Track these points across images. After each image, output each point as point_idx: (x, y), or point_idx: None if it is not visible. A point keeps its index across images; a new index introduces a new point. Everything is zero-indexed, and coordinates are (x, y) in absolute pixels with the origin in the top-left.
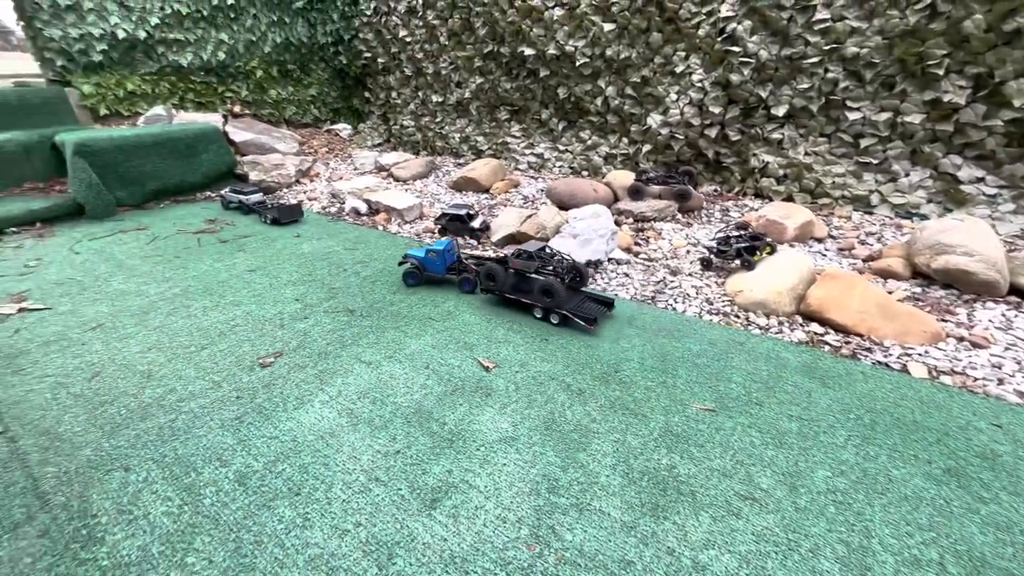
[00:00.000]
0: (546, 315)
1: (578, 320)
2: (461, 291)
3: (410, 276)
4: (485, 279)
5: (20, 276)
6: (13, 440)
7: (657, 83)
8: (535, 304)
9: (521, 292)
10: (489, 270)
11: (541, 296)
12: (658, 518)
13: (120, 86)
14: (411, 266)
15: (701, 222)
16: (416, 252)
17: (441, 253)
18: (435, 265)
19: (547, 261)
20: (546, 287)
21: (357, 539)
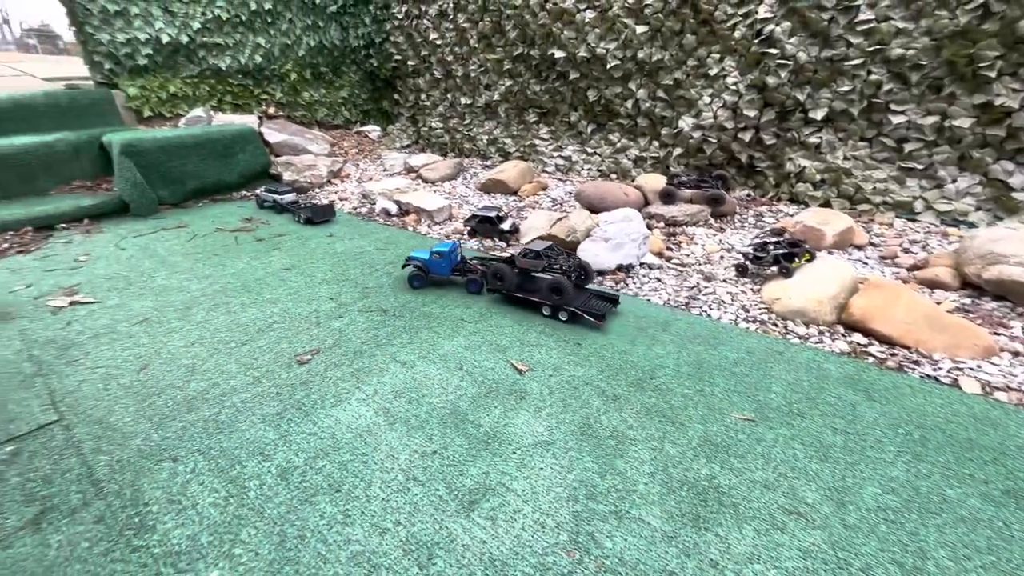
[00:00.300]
0: (554, 313)
1: (587, 317)
2: (468, 292)
3: (415, 279)
4: (493, 279)
5: (71, 270)
6: (68, 428)
7: (690, 86)
8: (543, 302)
9: (528, 291)
10: (497, 270)
11: (550, 294)
12: (699, 529)
13: (163, 88)
14: (415, 269)
15: (734, 227)
16: (420, 254)
17: (446, 255)
18: (440, 267)
19: (553, 259)
20: (556, 285)
21: (397, 538)
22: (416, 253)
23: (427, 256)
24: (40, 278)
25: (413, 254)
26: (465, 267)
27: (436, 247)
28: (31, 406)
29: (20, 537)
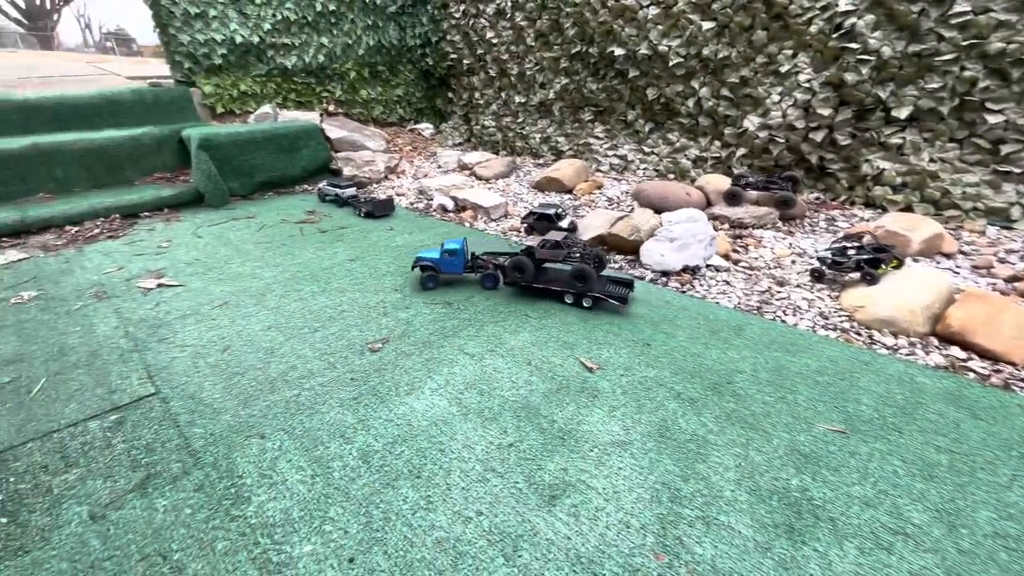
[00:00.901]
0: (577, 300)
1: (612, 301)
2: (483, 287)
3: (429, 280)
4: (513, 271)
5: (156, 255)
6: (165, 401)
7: (757, 83)
8: (566, 291)
9: (548, 281)
10: (517, 262)
11: (573, 282)
12: (795, 542)
13: (234, 87)
14: (427, 269)
15: (804, 231)
16: (430, 253)
17: (458, 252)
18: (453, 265)
19: (571, 249)
20: (580, 272)
21: (480, 527)
22: (425, 253)
23: (438, 255)
24: (129, 261)
25: (421, 254)
26: (477, 263)
27: (446, 244)
28: (131, 379)
29: (130, 500)
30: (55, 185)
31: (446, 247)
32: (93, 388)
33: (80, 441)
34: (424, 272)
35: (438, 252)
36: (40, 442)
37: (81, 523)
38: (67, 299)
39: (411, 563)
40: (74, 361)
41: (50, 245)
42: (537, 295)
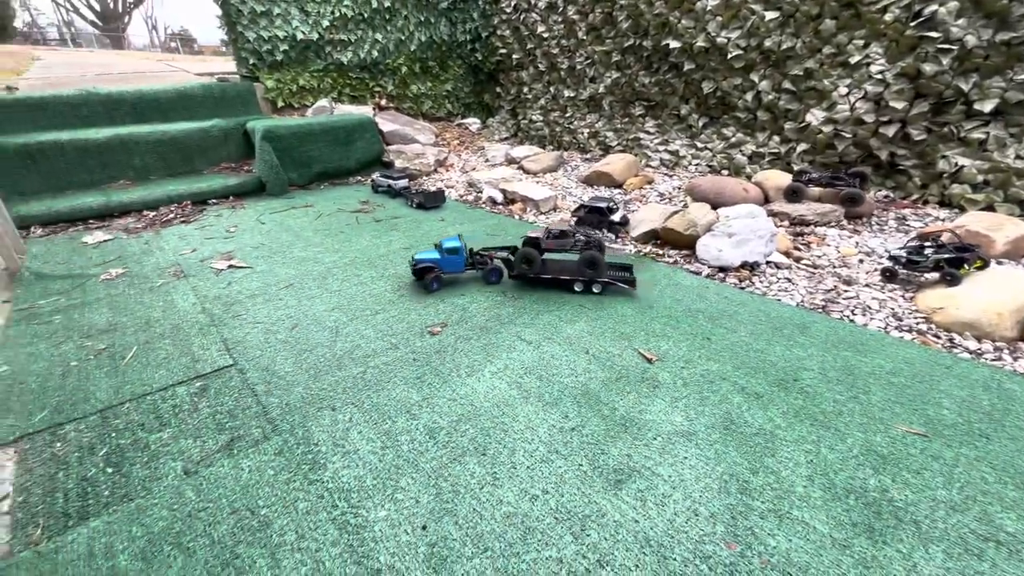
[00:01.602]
0: (586, 287)
1: (621, 284)
2: (487, 282)
3: (433, 281)
4: (520, 264)
5: (224, 239)
6: (242, 372)
7: (823, 76)
8: (575, 279)
9: (557, 271)
10: (525, 254)
11: (585, 269)
12: (876, 542)
13: (294, 81)
14: (430, 270)
15: (871, 230)
16: (428, 255)
17: (459, 250)
18: (455, 264)
19: (575, 238)
20: (591, 259)
21: (547, 506)
22: (423, 254)
23: (438, 255)
24: (201, 244)
25: (420, 256)
26: (476, 259)
27: (444, 243)
28: (210, 351)
29: (218, 459)
30: (134, 173)
31: (445, 246)
32: (178, 357)
33: (170, 404)
34: (426, 275)
35: (437, 252)
36: (135, 403)
37: (176, 477)
38: (149, 277)
39: (481, 534)
40: (160, 332)
41: (131, 228)
42: (541, 287)
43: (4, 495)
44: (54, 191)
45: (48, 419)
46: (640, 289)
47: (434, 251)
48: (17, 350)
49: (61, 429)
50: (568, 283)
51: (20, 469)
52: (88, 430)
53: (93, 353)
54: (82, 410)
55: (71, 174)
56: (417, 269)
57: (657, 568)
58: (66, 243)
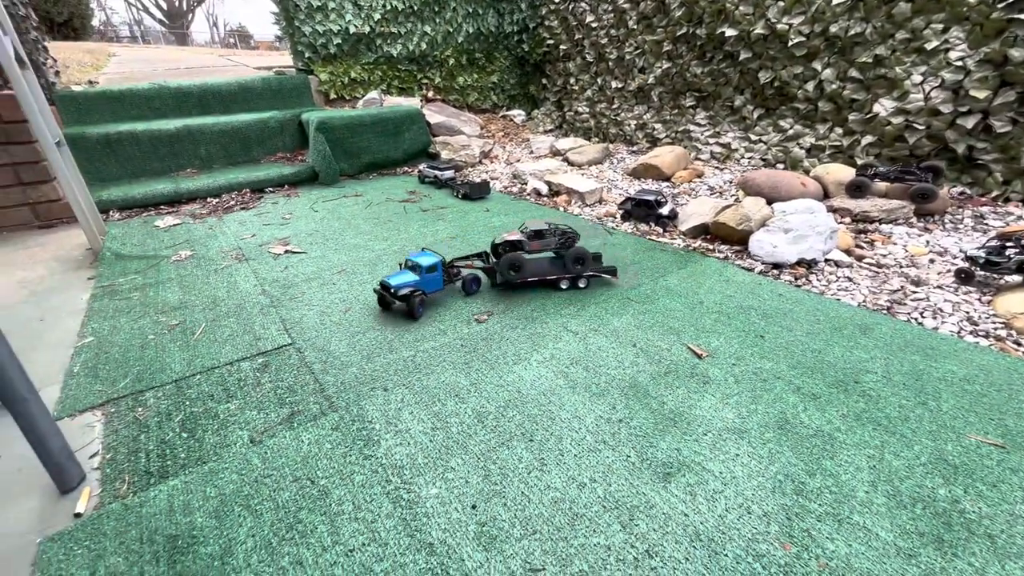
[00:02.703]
0: (572, 283)
1: (605, 275)
2: (467, 293)
3: (419, 306)
4: (508, 270)
5: (281, 225)
6: (300, 351)
7: (895, 63)
8: (561, 277)
9: (540, 272)
10: (512, 260)
11: (575, 265)
12: (945, 554)
13: (346, 74)
14: (413, 295)
15: (944, 228)
16: (402, 278)
17: (438, 265)
18: (435, 281)
19: (556, 234)
20: (579, 255)
21: (595, 494)
22: (396, 279)
23: (419, 278)
24: (260, 230)
25: (393, 281)
26: (452, 271)
27: (421, 261)
28: (270, 330)
29: (280, 430)
30: (200, 162)
31: (424, 263)
32: (242, 334)
33: (236, 377)
34: (410, 300)
35: (415, 275)
36: (205, 375)
37: (243, 445)
38: (214, 259)
39: (530, 517)
40: (225, 311)
41: (197, 213)
42: (514, 290)
43: (95, 452)
44: (129, 178)
45: (130, 386)
46: (681, 284)
47: (407, 272)
48: (101, 322)
49: (142, 396)
50: (554, 282)
51: (107, 430)
52: (165, 398)
53: (167, 328)
54: (159, 379)
55: (145, 162)
56: (400, 296)
57: (708, 562)
58: (140, 226)
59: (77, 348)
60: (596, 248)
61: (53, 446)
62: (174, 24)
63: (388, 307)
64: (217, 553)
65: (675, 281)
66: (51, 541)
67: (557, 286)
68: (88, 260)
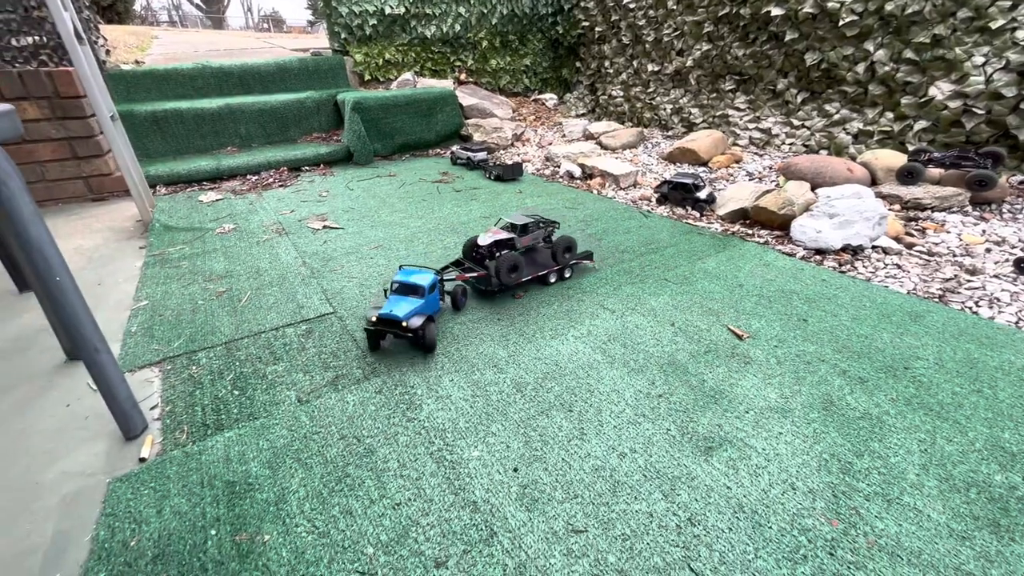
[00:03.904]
0: (559, 275)
1: (586, 261)
2: (456, 309)
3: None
4: (509, 273)
5: (318, 202)
6: (341, 319)
7: (955, 43)
8: (552, 270)
9: (534, 268)
10: (512, 261)
11: (564, 254)
12: (1002, 538)
13: (380, 55)
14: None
15: (1002, 218)
16: (408, 307)
17: (435, 285)
18: (435, 301)
19: (539, 226)
20: (568, 244)
21: (635, 464)
22: (405, 311)
23: (424, 301)
24: (298, 206)
25: (393, 311)
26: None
27: (420, 281)
28: (313, 299)
29: (326, 392)
30: (239, 140)
31: (426, 284)
32: (285, 303)
33: (282, 342)
34: (426, 331)
35: (416, 297)
36: (253, 339)
37: (292, 404)
38: (255, 232)
39: (571, 482)
40: (268, 280)
41: (238, 190)
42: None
43: (154, 405)
44: (174, 154)
45: (184, 346)
46: (719, 267)
47: (403, 299)
48: (154, 288)
49: (195, 355)
50: (543, 277)
51: (165, 385)
52: (216, 358)
53: (215, 295)
54: (210, 341)
55: (189, 140)
56: (413, 329)
57: (752, 533)
58: (185, 201)
59: (134, 310)
60: (631, 231)
61: (120, 394)
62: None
63: (378, 347)
64: (272, 499)
65: (713, 264)
66: (119, 481)
67: (546, 281)
68: (139, 231)
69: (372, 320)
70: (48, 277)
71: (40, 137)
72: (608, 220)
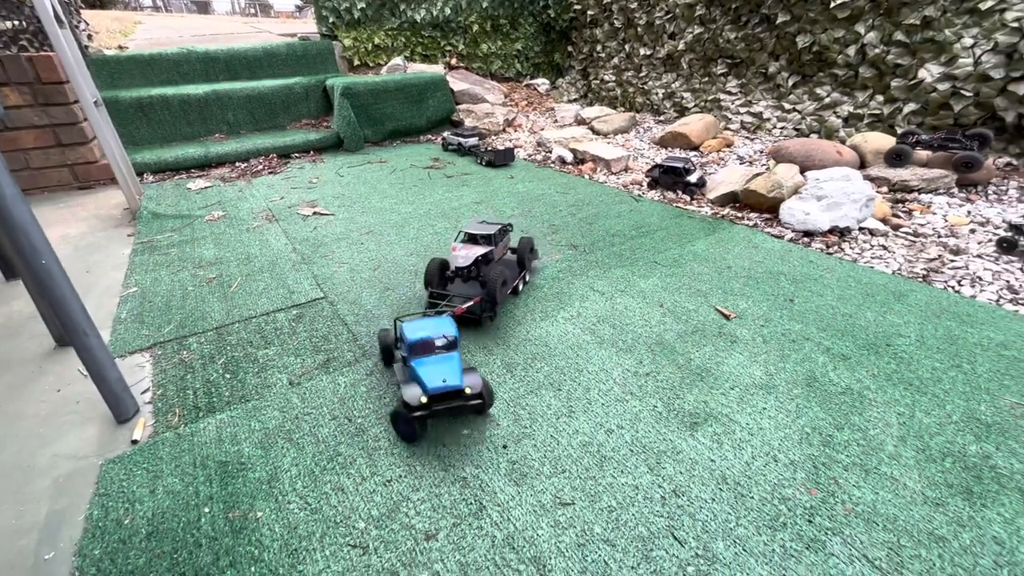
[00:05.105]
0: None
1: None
2: None
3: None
4: (502, 289)
5: (308, 189)
6: (332, 304)
7: (945, 24)
8: (519, 279)
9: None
10: (502, 276)
11: (528, 256)
12: (974, 504)
13: (369, 40)
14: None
15: (987, 199)
16: (448, 368)
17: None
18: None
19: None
20: (532, 244)
21: (622, 439)
22: (454, 377)
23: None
24: (288, 193)
25: (453, 381)
26: None
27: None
28: (303, 284)
29: (318, 374)
30: (227, 127)
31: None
32: (276, 288)
33: (273, 327)
34: (486, 390)
35: (452, 356)
36: (244, 324)
37: (283, 387)
38: (245, 219)
39: (559, 458)
40: (259, 267)
41: (227, 177)
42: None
43: (146, 388)
44: (161, 142)
45: (174, 332)
46: (709, 249)
47: (436, 358)
48: (144, 275)
49: (186, 340)
50: (515, 288)
51: (156, 369)
52: (207, 343)
53: (205, 281)
54: (201, 326)
55: (176, 126)
56: (476, 395)
57: (734, 503)
58: (173, 188)
59: (123, 297)
60: (622, 215)
61: (110, 377)
62: None
63: (416, 437)
64: (264, 478)
65: (703, 247)
66: (112, 463)
67: (517, 291)
68: (127, 219)
69: (422, 402)
70: (34, 259)
71: (23, 124)
72: (599, 205)
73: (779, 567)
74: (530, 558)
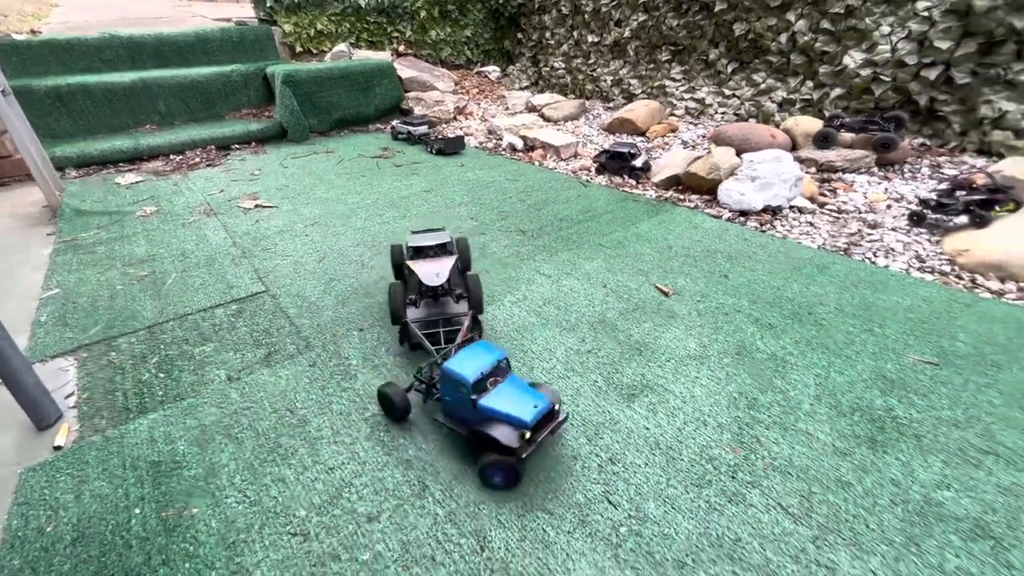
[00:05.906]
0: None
1: None
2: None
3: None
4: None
5: (249, 181)
6: (274, 297)
7: (865, 14)
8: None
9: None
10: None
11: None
12: (876, 451)
13: (311, 26)
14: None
15: (903, 177)
16: (519, 395)
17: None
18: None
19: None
20: (466, 244)
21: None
22: (539, 400)
23: (522, 380)
24: (228, 186)
25: (540, 405)
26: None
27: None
28: (243, 279)
29: (258, 368)
30: (159, 118)
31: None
32: (214, 284)
33: (210, 323)
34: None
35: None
36: (178, 322)
37: (221, 383)
38: (181, 214)
39: None
40: (195, 262)
41: (160, 170)
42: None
43: (70, 393)
44: (85, 134)
45: (102, 333)
46: (652, 231)
47: (512, 387)
48: (66, 275)
49: (115, 341)
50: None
51: (81, 373)
52: (139, 343)
53: (136, 279)
54: (131, 326)
55: (100, 118)
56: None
57: (665, 466)
58: (100, 184)
59: (43, 299)
60: (570, 200)
61: (26, 382)
62: None
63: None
64: (201, 475)
65: (646, 228)
66: (32, 471)
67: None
68: (46, 217)
69: (527, 437)
70: None
71: None
72: (548, 190)
73: (703, 520)
74: (471, 531)
